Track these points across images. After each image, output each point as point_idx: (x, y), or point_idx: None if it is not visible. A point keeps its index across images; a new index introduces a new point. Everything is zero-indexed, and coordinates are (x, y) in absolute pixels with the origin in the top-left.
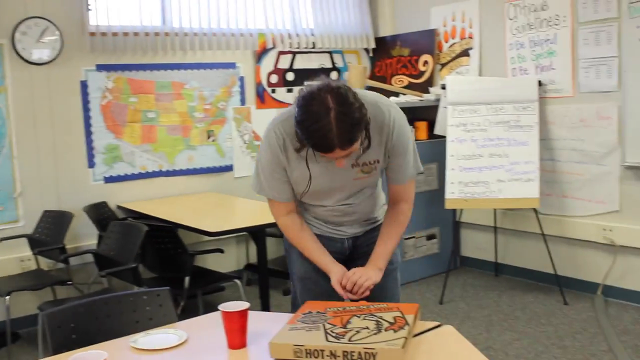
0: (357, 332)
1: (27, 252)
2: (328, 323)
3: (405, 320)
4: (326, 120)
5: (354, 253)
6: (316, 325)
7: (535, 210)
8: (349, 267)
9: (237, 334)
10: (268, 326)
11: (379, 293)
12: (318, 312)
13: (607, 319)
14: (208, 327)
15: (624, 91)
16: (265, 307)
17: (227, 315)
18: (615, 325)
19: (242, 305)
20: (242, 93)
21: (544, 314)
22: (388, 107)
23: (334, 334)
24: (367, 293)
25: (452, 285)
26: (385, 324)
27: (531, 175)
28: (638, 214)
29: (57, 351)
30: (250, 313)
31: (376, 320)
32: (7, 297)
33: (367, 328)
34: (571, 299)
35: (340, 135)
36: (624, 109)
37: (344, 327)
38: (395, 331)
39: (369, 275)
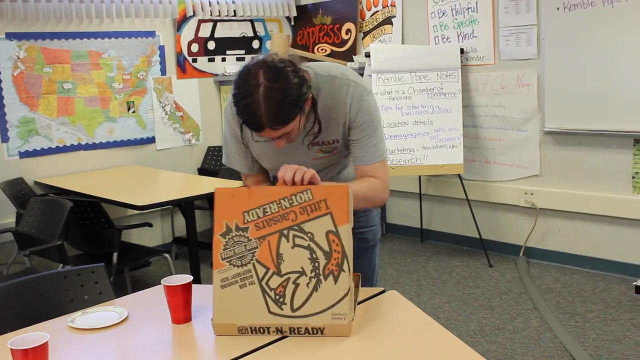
0: (295, 285)
1: None
2: (258, 262)
3: (342, 245)
4: (254, 96)
5: None
6: (247, 272)
7: (459, 176)
8: None
9: (181, 308)
10: (211, 299)
11: None
12: (237, 227)
13: (530, 279)
14: (148, 302)
15: (543, 59)
16: (196, 281)
17: (170, 289)
18: (538, 285)
19: (185, 278)
20: (163, 63)
21: (471, 277)
22: (347, 82)
23: (272, 295)
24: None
25: (379, 253)
26: (323, 261)
27: (455, 142)
28: (557, 178)
29: None
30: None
31: (310, 251)
32: None
33: (303, 271)
34: (496, 262)
35: (269, 114)
36: (543, 76)
37: (278, 271)
38: (334, 276)
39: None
